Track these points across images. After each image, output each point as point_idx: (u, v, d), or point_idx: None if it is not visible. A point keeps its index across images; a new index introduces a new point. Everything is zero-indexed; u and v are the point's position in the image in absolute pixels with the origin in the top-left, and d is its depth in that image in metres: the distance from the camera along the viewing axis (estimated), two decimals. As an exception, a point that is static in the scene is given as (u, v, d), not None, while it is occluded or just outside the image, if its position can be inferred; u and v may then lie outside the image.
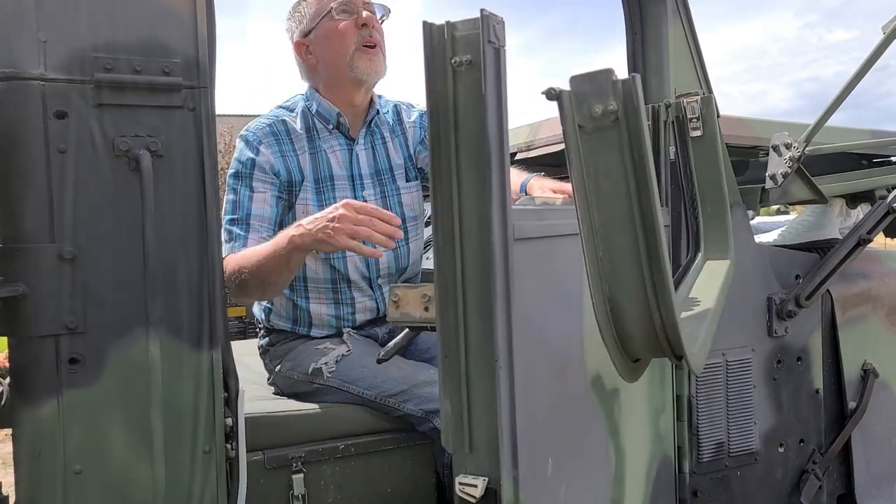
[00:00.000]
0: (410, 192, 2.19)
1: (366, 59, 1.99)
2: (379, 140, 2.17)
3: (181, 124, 1.40)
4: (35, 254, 1.29)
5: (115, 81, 1.34)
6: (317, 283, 2.06)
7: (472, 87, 1.03)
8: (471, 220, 1.06)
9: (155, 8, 1.39)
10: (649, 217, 1.04)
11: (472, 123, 1.04)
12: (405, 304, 1.42)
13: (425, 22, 1.04)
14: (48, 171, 1.30)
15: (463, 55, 1.03)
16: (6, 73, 1.28)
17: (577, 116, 1.02)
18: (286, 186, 2.02)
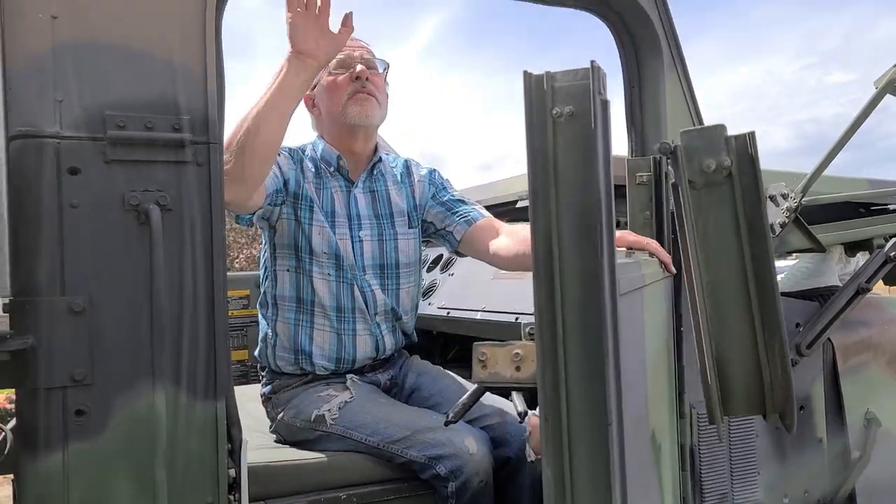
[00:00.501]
0: (408, 239, 2.24)
1: (356, 105, 2.10)
2: (381, 186, 2.24)
3: (190, 179, 1.44)
4: (46, 307, 1.31)
5: (127, 138, 1.38)
6: (323, 309, 2.09)
7: (574, 138, 1.02)
8: (573, 275, 1.03)
9: (166, 66, 1.43)
10: (765, 273, 1.01)
11: (574, 175, 1.03)
12: (493, 364, 1.35)
13: (526, 72, 1.04)
14: (60, 226, 1.33)
15: (564, 106, 1.02)
16: (23, 131, 1.32)
17: (687, 171, 1.01)
18: (291, 195, 2.08)
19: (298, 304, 2.11)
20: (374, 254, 2.16)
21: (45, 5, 1.34)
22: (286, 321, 2.12)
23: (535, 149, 1.03)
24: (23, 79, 1.33)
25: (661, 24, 1.95)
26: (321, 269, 2.09)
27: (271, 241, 2.14)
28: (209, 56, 1.47)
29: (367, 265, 2.14)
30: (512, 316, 2.28)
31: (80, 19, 1.36)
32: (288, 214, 2.09)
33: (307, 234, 2.08)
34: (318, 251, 2.08)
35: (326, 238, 2.08)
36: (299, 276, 2.10)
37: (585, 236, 1.02)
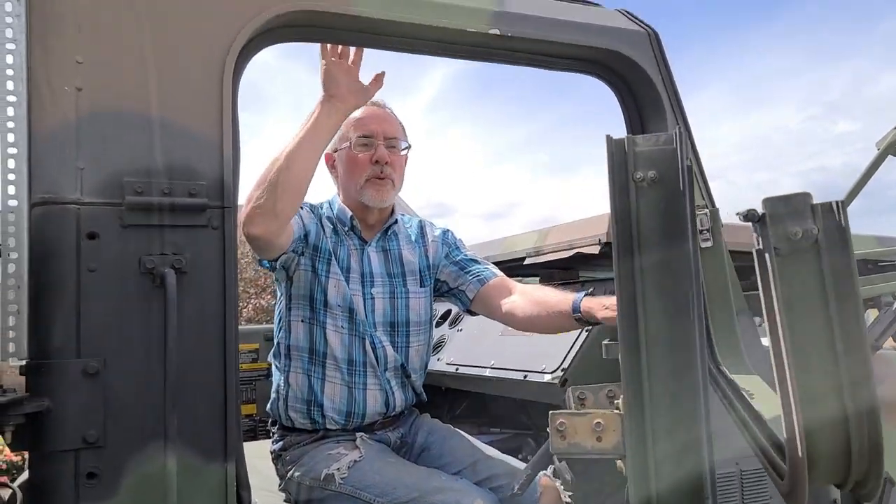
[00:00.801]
0: (419, 298, 2.26)
1: (373, 190, 2.17)
2: (394, 245, 2.28)
3: (205, 243, 1.47)
4: (61, 369, 1.34)
5: (144, 204, 1.42)
6: (335, 361, 2.11)
7: (657, 202, 1.03)
8: (656, 338, 1.02)
9: (184, 133, 1.48)
10: (856, 340, 1.00)
11: (656, 237, 1.04)
12: (573, 434, 1.29)
13: (608, 136, 1.06)
14: (78, 289, 1.36)
15: (646, 171, 1.04)
16: (45, 198, 1.36)
17: (773, 238, 1.02)
18: (311, 247, 2.13)
19: (311, 355, 2.13)
20: (385, 311, 2.18)
21: (71, 78, 1.40)
22: (299, 371, 2.14)
23: (619, 211, 1.04)
24: (47, 148, 1.38)
25: (664, 88, 2.00)
26: (335, 321, 2.11)
27: (287, 291, 2.17)
28: (225, 123, 1.52)
29: (377, 322, 2.16)
30: (521, 373, 2.28)
31: (104, 90, 1.42)
32: (306, 265, 2.12)
33: (323, 286, 2.11)
34: (333, 304, 2.11)
35: (341, 291, 2.11)
36: (313, 327, 2.12)
37: (672, 301, 1.01)
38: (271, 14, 1.58)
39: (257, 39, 1.62)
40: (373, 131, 2.18)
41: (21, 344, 1.35)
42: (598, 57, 2.01)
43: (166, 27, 1.48)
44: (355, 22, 1.70)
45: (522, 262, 2.76)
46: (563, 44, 1.93)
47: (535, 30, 1.88)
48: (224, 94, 1.52)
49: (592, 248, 2.34)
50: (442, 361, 2.79)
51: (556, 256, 2.55)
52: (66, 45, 1.40)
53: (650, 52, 2.01)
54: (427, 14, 1.76)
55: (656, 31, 2.05)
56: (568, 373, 2.11)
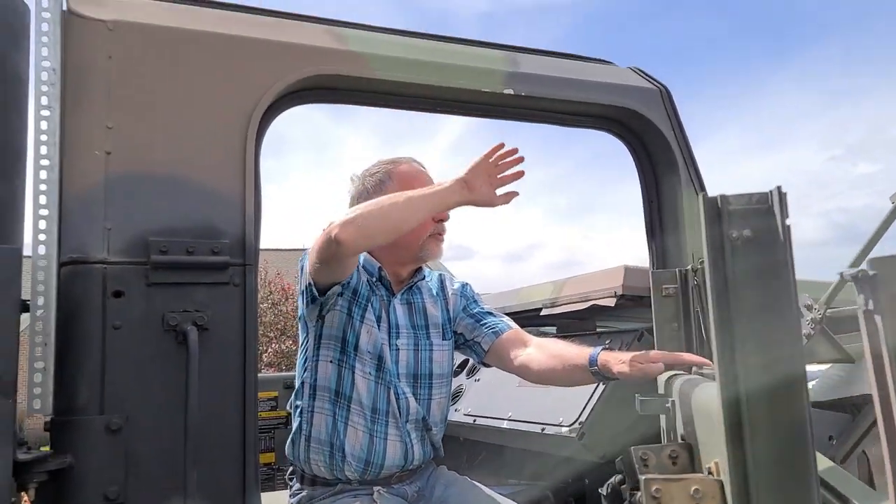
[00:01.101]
0: (443, 351, 2.27)
1: (435, 246, 2.21)
2: (418, 298, 2.30)
3: (227, 299, 1.51)
4: (85, 425, 1.37)
5: (169, 263, 1.47)
6: (360, 407, 2.10)
7: (753, 260, 1.03)
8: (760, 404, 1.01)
9: (208, 194, 1.54)
10: None
11: (753, 295, 1.03)
12: (670, 500, 1.25)
13: (702, 195, 1.07)
14: (103, 346, 1.40)
15: (740, 229, 1.03)
16: (73, 258, 1.41)
17: (883, 298, 1.02)
18: (350, 290, 2.15)
19: (337, 397, 2.12)
20: (409, 362, 2.19)
21: (101, 142, 1.46)
22: (323, 412, 2.13)
23: (714, 270, 1.04)
24: (77, 209, 1.43)
25: (676, 144, 2.04)
26: (363, 366, 2.12)
27: (318, 331, 2.17)
28: (248, 182, 1.58)
29: (401, 373, 2.17)
30: (538, 426, 2.27)
31: (132, 154, 1.48)
32: (342, 307, 2.14)
33: (356, 331, 2.13)
34: (364, 349, 2.12)
35: (374, 338, 2.13)
36: (342, 369, 2.13)
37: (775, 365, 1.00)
38: (294, 78, 1.65)
39: (280, 102, 1.68)
40: None
41: (46, 400, 1.38)
42: (610, 114, 2.06)
43: (192, 93, 1.55)
44: (374, 84, 1.76)
45: (539, 313, 2.77)
46: (576, 102, 1.98)
47: (548, 89, 1.93)
48: (247, 156, 1.58)
49: (608, 301, 2.35)
50: (459, 412, 2.78)
51: (571, 308, 2.57)
52: (96, 112, 1.47)
53: (662, 108, 2.06)
54: (443, 76, 1.82)
55: (668, 88, 2.10)
56: (585, 426, 2.10)
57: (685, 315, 1.97)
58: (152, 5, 1.61)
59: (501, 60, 1.92)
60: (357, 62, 1.72)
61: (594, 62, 2.16)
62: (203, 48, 1.58)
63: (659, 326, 1.98)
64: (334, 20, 1.83)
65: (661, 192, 2.09)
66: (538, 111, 2.01)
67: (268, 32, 1.68)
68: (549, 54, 2.08)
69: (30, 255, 1.45)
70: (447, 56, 1.86)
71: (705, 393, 1.34)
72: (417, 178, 2.23)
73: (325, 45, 1.71)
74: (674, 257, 2.04)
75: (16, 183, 1.70)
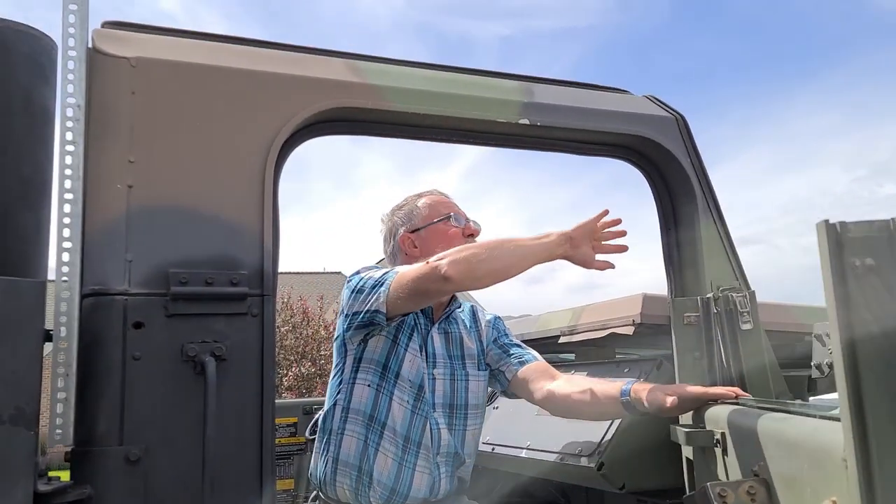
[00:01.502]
0: (478, 381, 2.27)
1: None
2: (454, 328, 2.31)
3: (245, 330, 1.53)
4: (104, 456, 1.38)
5: (188, 294, 1.48)
6: (393, 434, 2.09)
7: (877, 289, 1.01)
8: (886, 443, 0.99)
9: (228, 225, 1.56)
10: None
11: (880, 327, 1.01)
12: None
13: (820, 223, 1.07)
14: (123, 377, 1.42)
15: (862, 257, 1.02)
16: (95, 289, 1.44)
17: None
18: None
19: (370, 422, 2.11)
20: (445, 392, 2.19)
21: (123, 176, 1.49)
22: (355, 435, 2.12)
23: (837, 298, 1.02)
24: (99, 242, 1.46)
25: (693, 172, 2.03)
26: (402, 394, 2.11)
27: (358, 354, 2.16)
28: (266, 213, 1.60)
29: (437, 402, 2.17)
30: (557, 455, 2.26)
31: (153, 187, 1.51)
32: (388, 333, 2.14)
33: (400, 357, 2.12)
34: (405, 376, 2.11)
35: (416, 367, 2.12)
36: (379, 394, 2.12)
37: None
38: (312, 111, 1.67)
39: (298, 134, 1.71)
40: (459, 211, 2.29)
41: (68, 430, 1.40)
42: (626, 143, 2.06)
43: (212, 127, 1.58)
44: (391, 116, 1.79)
45: (557, 341, 2.76)
46: (592, 131, 1.99)
47: (563, 119, 1.95)
48: (265, 187, 1.60)
49: (626, 329, 2.34)
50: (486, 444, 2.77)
51: (589, 336, 2.56)
52: (119, 147, 1.50)
53: (678, 136, 2.06)
54: (458, 107, 1.84)
55: (684, 117, 2.10)
56: (605, 456, 2.08)
57: (707, 343, 1.95)
58: (173, 42, 1.65)
59: (517, 91, 1.94)
60: (374, 95, 1.75)
61: (609, 91, 2.17)
62: (223, 83, 1.61)
63: (680, 355, 1.96)
64: (352, 53, 1.87)
65: (678, 220, 2.08)
66: (554, 140, 2.02)
67: (287, 66, 1.71)
68: (563, 84, 2.09)
69: (52, 278, 1.48)
70: (463, 87, 1.88)
71: (796, 428, 1.30)
72: (444, 203, 2.26)
73: (343, 79, 1.74)
74: (692, 285, 2.02)
75: (40, 214, 1.74)
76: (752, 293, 1.96)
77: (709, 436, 1.61)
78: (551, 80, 2.07)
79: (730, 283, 1.99)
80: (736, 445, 1.49)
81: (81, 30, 1.48)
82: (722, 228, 2.05)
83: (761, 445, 1.36)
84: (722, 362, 1.93)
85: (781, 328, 2.33)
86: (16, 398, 1.25)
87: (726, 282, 1.99)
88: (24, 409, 1.26)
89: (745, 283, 2.02)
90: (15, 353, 1.25)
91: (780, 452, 1.30)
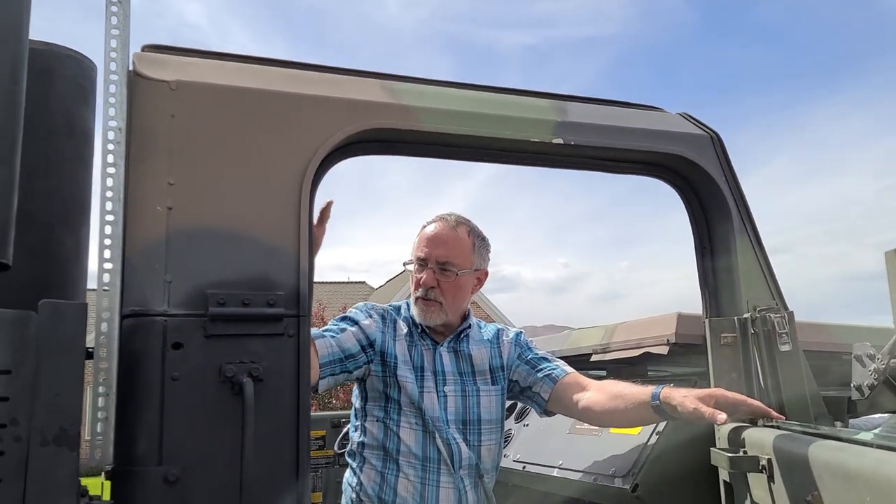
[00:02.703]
0: (490, 396, 2.27)
1: (419, 310, 2.26)
2: (464, 346, 2.31)
3: (281, 350, 1.53)
4: (143, 476, 1.39)
5: (226, 315, 1.50)
6: (408, 458, 2.11)
7: None
8: None
9: (263, 246, 1.57)
10: None
11: None
12: None
13: (889, 252, 1.07)
14: (161, 398, 1.43)
15: None
16: (135, 310, 1.45)
17: None
18: (378, 354, 2.19)
19: (385, 453, 2.14)
20: (457, 408, 2.20)
21: (163, 198, 1.51)
22: (373, 468, 2.15)
23: None
24: (139, 263, 1.48)
25: (729, 190, 2.01)
26: (407, 418, 2.14)
27: (363, 394, 2.22)
28: (302, 234, 1.61)
29: (450, 419, 2.18)
30: (590, 476, 2.23)
31: (192, 210, 1.52)
32: (376, 371, 2.17)
33: (393, 387, 2.16)
34: (404, 402, 2.14)
35: (409, 391, 2.14)
36: (387, 426, 2.15)
37: None
38: (347, 132, 1.68)
39: (333, 155, 1.72)
40: (426, 254, 2.24)
41: (108, 450, 1.41)
42: (661, 161, 2.05)
43: (249, 149, 1.59)
44: (424, 136, 1.79)
45: (588, 359, 2.74)
46: (626, 149, 1.98)
47: (597, 137, 1.94)
48: (301, 208, 1.61)
49: (661, 349, 2.31)
50: (509, 458, 2.75)
51: (623, 355, 2.53)
52: (159, 169, 1.52)
53: (713, 154, 2.04)
54: (492, 127, 1.84)
55: (719, 134, 2.08)
56: (639, 478, 2.06)
57: (745, 364, 1.93)
58: (212, 65, 1.68)
59: (550, 110, 1.94)
60: (408, 116, 1.75)
61: (643, 108, 2.15)
62: (260, 105, 1.63)
63: (717, 376, 1.94)
64: (387, 74, 1.88)
65: (713, 239, 2.06)
66: (588, 159, 2.02)
67: (323, 88, 1.73)
68: (597, 101, 2.08)
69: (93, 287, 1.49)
70: (496, 107, 1.88)
71: (856, 458, 1.28)
72: (422, 237, 2.27)
73: (377, 100, 1.75)
74: (728, 305, 2.00)
75: (81, 234, 1.77)
76: (790, 314, 1.93)
77: (753, 461, 1.59)
78: (584, 99, 2.07)
79: (767, 303, 1.96)
80: (784, 472, 1.46)
81: (123, 54, 1.51)
82: (758, 247, 2.02)
83: (814, 474, 1.33)
84: (760, 384, 1.90)
85: (819, 348, 2.29)
86: (59, 420, 1.26)
87: (763, 302, 1.96)
88: (67, 430, 1.28)
89: (783, 303, 1.99)
90: (58, 375, 1.27)
91: (838, 483, 1.28)
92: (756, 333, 1.89)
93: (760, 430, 1.65)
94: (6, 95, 1.36)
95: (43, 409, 1.26)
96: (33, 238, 1.62)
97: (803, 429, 1.59)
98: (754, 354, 1.88)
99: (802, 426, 1.64)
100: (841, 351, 2.28)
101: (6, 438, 1.22)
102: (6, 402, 1.23)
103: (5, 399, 1.23)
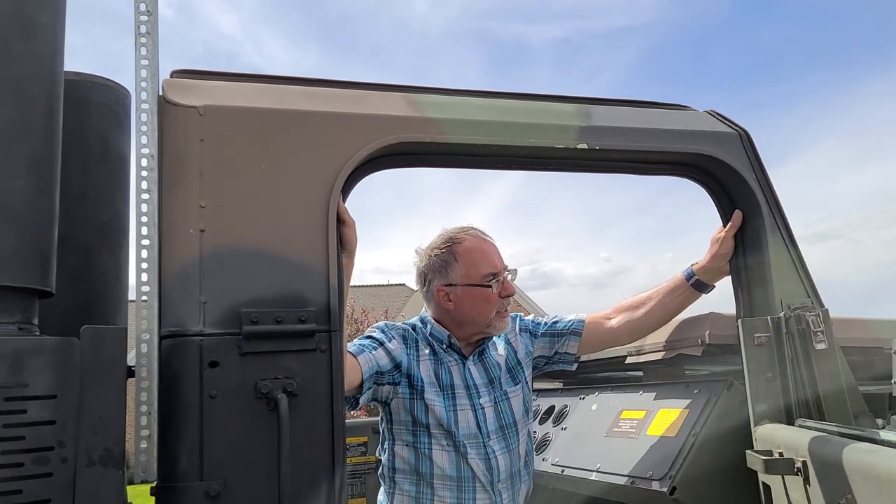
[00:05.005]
0: (516, 395, 2.30)
1: (502, 322, 2.26)
2: (489, 353, 2.32)
3: (314, 365, 1.57)
4: (186, 492, 1.43)
5: (260, 332, 1.53)
6: (443, 481, 2.12)
7: None
8: None
9: (294, 264, 1.60)
10: None
11: None
12: None
13: None
14: (200, 415, 1.47)
15: None
16: (172, 331, 1.50)
17: None
18: (405, 376, 2.17)
19: (418, 477, 2.14)
20: (495, 416, 2.22)
21: (195, 221, 1.55)
22: (405, 494, 2.15)
23: None
24: (174, 284, 1.53)
25: (759, 188, 1.99)
26: (437, 440, 2.14)
27: (388, 417, 2.21)
28: (331, 251, 1.64)
29: (490, 430, 2.19)
30: (628, 479, 2.22)
31: (224, 231, 1.56)
32: (403, 393, 2.17)
33: (421, 410, 2.15)
34: (433, 425, 2.14)
35: (438, 414, 2.14)
36: (417, 450, 2.15)
37: None
38: (372, 148, 1.71)
39: (359, 171, 1.75)
40: (497, 267, 2.23)
41: (151, 467, 1.46)
42: (688, 160, 2.03)
43: (277, 169, 1.63)
44: (448, 148, 1.81)
45: (624, 360, 2.72)
46: (652, 151, 1.97)
47: (623, 140, 1.93)
48: (329, 225, 1.64)
49: (695, 350, 2.29)
50: (547, 462, 2.75)
51: (657, 357, 2.51)
52: (191, 193, 1.57)
53: (742, 152, 2.02)
54: (516, 135, 1.85)
55: (747, 132, 2.06)
56: (676, 480, 2.04)
57: (780, 364, 1.90)
58: (239, 87, 1.72)
59: (574, 115, 1.94)
60: (432, 128, 1.77)
61: (669, 107, 2.14)
62: (285, 125, 1.66)
63: (752, 376, 1.91)
64: (409, 86, 1.89)
65: (745, 238, 2.04)
66: (613, 162, 2.01)
67: (347, 104, 1.76)
68: (621, 103, 2.08)
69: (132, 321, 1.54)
70: (519, 115, 1.89)
71: (886, 461, 1.27)
72: (482, 257, 2.23)
73: (401, 114, 1.78)
74: (761, 304, 1.97)
75: (120, 258, 1.83)
76: (825, 311, 1.90)
77: (789, 464, 1.57)
78: (609, 100, 2.06)
79: (801, 301, 1.93)
80: (819, 475, 1.45)
81: (153, 83, 1.55)
82: (791, 244, 1.99)
83: (847, 477, 1.32)
84: (796, 383, 1.87)
85: (858, 343, 2.25)
86: (104, 440, 1.31)
87: (798, 300, 1.94)
88: (111, 450, 1.33)
89: (818, 300, 1.96)
90: (101, 398, 1.32)
91: (869, 486, 1.26)
92: (790, 333, 1.87)
93: (797, 430, 1.63)
94: (43, 130, 1.41)
95: (88, 430, 1.31)
96: (73, 262, 1.68)
97: (840, 429, 1.57)
98: (789, 354, 1.86)
99: (839, 427, 1.62)
100: (881, 346, 2.23)
101: (54, 460, 1.28)
102: (53, 426, 1.28)
103: (52, 423, 1.28)
